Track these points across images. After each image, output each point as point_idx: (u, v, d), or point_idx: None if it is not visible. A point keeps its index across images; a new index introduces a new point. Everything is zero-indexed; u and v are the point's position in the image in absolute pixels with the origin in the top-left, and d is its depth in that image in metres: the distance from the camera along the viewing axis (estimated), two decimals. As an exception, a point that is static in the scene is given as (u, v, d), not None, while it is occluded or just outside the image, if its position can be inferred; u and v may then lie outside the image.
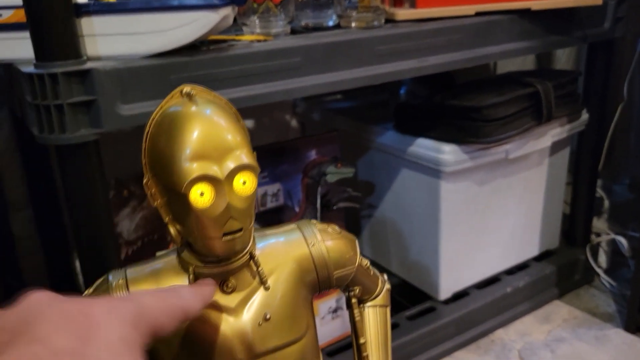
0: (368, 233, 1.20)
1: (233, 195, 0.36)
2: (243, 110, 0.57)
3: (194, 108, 0.37)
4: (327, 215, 0.93)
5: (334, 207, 0.93)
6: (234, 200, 0.36)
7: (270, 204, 0.89)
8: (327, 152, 0.93)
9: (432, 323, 1.01)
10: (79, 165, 0.60)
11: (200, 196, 0.35)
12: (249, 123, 1.22)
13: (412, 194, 1.04)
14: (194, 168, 0.35)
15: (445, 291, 1.06)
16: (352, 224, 1.15)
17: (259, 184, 0.89)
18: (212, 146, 0.35)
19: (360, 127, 1.12)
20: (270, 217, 0.89)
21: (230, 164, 0.35)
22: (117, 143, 0.87)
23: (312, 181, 0.90)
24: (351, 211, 0.99)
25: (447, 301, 1.06)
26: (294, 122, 1.30)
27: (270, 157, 0.89)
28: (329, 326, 0.96)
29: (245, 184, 0.36)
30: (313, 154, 0.92)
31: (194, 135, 0.35)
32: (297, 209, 0.91)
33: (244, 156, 0.36)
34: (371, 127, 1.09)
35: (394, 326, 1.00)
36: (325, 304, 0.95)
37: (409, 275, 1.12)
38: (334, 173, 0.90)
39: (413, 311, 1.04)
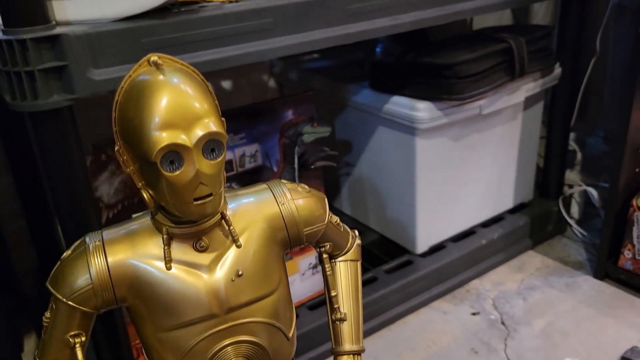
0: (347, 191, 1.22)
1: (202, 162, 0.38)
2: (219, 71, 0.58)
3: (161, 77, 0.37)
4: (305, 175, 0.95)
5: (312, 167, 0.95)
6: (203, 167, 0.38)
7: (249, 164, 0.91)
8: (303, 112, 0.93)
9: (409, 276, 1.04)
10: (54, 131, 0.60)
11: (170, 164, 0.36)
12: (226, 85, 1.21)
13: (388, 151, 1.06)
14: (163, 137, 0.36)
15: (422, 245, 1.09)
16: (330, 182, 1.17)
17: (237, 145, 0.90)
18: (180, 115, 0.37)
19: (337, 86, 1.12)
20: (248, 178, 0.90)
21: (199, 132, 0.37)
22: (93, 108, 0.87)
23: (289, 141, 0.91)
24: (329, 170, 1.01)
25: (424, 254, 1.10)
26: (271, 83, 1.30)
27: (247, 118, 0.89)
28: (310, 281, 0.99)
29: (213, 151, 0.38)
30: (289, 114, 0.92)
31: (162, 104, 0.36)
32: (275, 169, 0.92)
33: (212, 124, 0.37)
34: (347, 85, 1.10)
35: (373, 280, 1.03)
36: (305, 260, 0.97)
37: (387, 231, 1.15)
38: (310, 133, 0.91)
39: (391, 265, 1.08)
